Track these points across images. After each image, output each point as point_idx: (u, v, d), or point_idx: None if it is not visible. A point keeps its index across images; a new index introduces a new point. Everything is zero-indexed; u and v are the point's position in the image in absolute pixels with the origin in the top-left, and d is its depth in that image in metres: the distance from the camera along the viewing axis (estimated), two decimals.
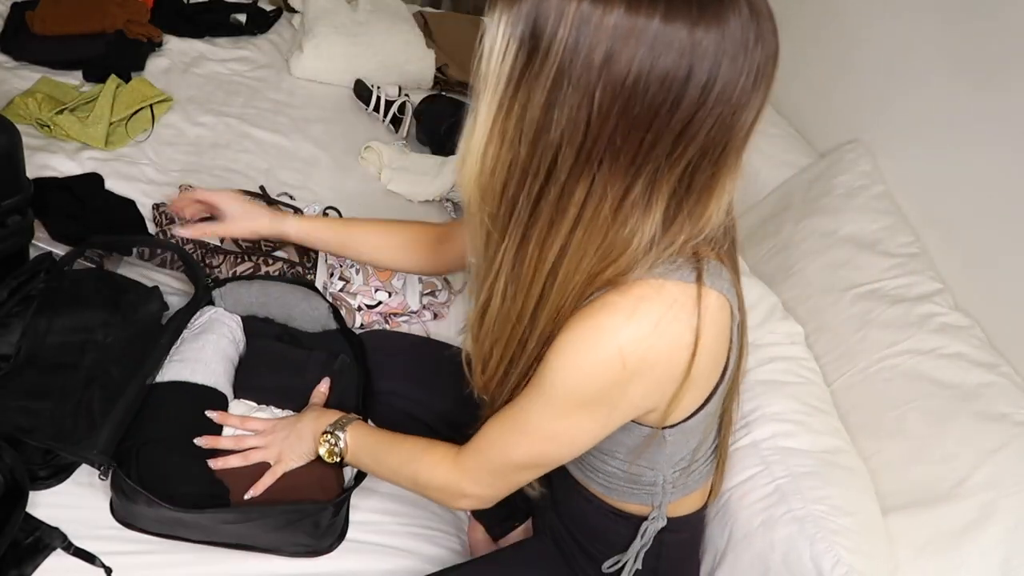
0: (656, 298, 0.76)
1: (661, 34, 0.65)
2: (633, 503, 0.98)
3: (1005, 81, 1.34)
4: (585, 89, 0.67)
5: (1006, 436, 1.10)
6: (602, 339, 0.76)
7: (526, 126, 0.71)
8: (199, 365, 1.17)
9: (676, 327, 0.77)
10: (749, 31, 0.67)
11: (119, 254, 1.44)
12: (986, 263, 1.36)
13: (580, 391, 0.80)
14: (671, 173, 0.71)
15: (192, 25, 2.18)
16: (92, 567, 1.02)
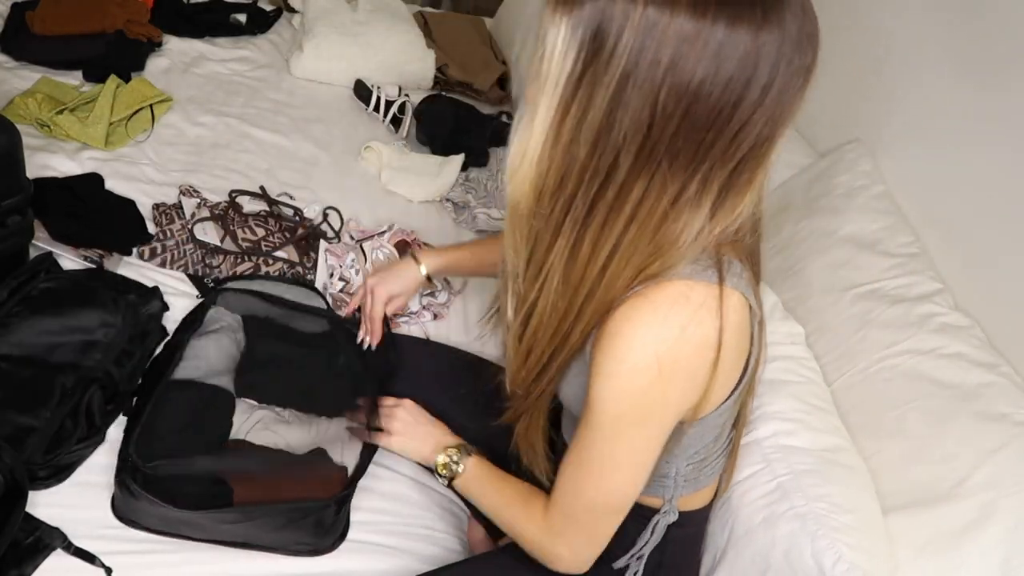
0: (683, 302, 0.78)
1: (726, 40, 0.66)
2: (644, 495, 0.98)
3: (1006, 81, 1.34)
4: (649, 92, 0.68)
5: (1006, 436, 1.10)
6: (635, 351, 0.78)
7: (586, 127, 0.72)
8: (202, 362, 1.19)
9: (702, 329, 0.79)
10: (803, 31, 0.69)
11: (119, 253, 1.45)
12: (986, 263, 1.36)
13: (624, 408, 0.82)
14: (723, 170, 0.73)
15: (192, 25, 2.18)
16: (92, 567, 1.02)
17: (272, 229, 1.60)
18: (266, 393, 1.24)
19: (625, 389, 0.80)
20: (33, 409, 1.10)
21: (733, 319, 0.80)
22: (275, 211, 1.67)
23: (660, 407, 0.83)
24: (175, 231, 1.53)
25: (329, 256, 1.59)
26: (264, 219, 1.63)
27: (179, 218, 1.57)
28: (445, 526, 1.27)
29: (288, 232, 1.62)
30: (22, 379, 1.13)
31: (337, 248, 1.61)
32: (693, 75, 0.67)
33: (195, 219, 1.56)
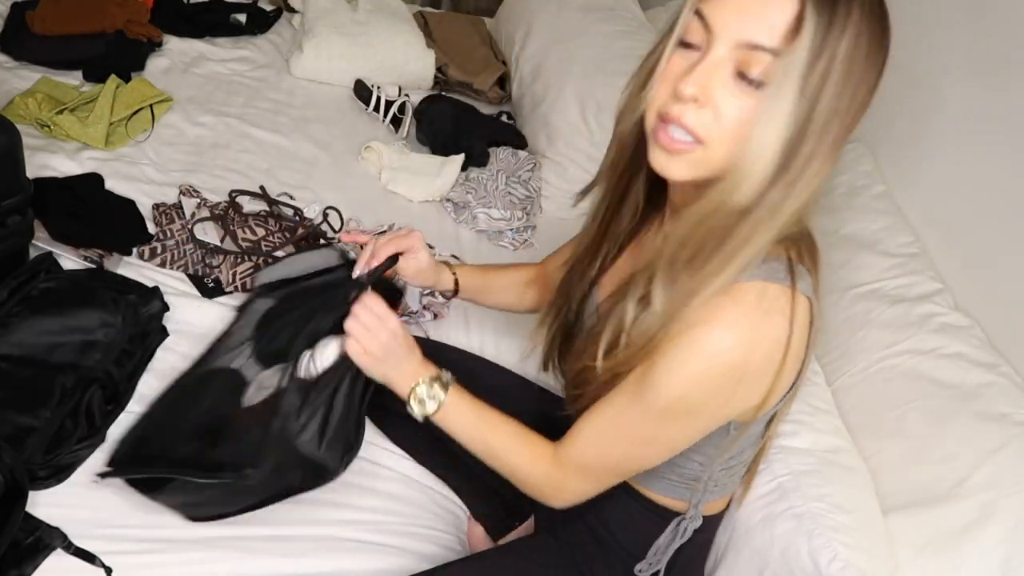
0: (758, 305, 0.79)
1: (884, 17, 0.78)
2: (669, 497, 0.99)
3: (1006, 81, 1.34)
4: (868, 64, 0.75)
5: (1006, 436, 1.10)
6: (710, 348, 0.79)
7: (817, 116, 0.74)
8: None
9: (775, 332, 0.79)
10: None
11: (119, 253, 1.45)
12: (986, 263, 1.36)
13: (685, 400, 0.82)
14: None
15: (192, 25, 2.18)
16: (92, 567, 1.02)
17: (272, 229, 1.60)
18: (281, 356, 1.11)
19: (692, 383, 0.80)
20: (33, 409, 1.10)
21: (800, 323, 0.81)
22: (275, 211, 1.67)
23: (719, 404, 0.83)
24: (175, 231, 1.53)
25: None
26: (264, 219, 1.63)
27: (179, 218, 1.57)
28: (445, 526, 1.27)
29: (288, 232, 1.62)
30: (22, 379, 1.13)
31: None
32: (877, 50, 0.77)
33: (195, 219, 1.56)
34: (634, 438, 0.88)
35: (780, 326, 0.79)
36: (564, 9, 2.24)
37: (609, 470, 0.94)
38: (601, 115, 1.97)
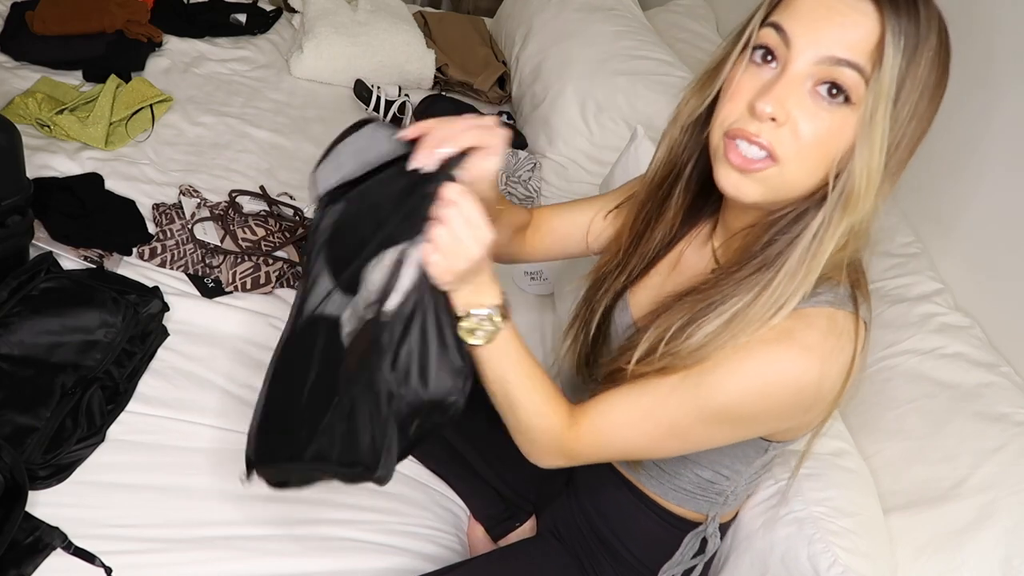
0: (830, 330, 0.78)
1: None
2: (687, 508, 0.98)
3: (1006, 80, 1.34)
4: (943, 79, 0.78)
5: (1006, 436, 1.10)
6: (780, 368, 0.77)
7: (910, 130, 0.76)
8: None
9: (841, 359, 0.78)
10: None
11: (119, 253, 1.45)
12: (986, 263, 1.36)
13: (741, 408, 0.80)
14: None
15: (192, 25, 2.18)
16: (92, 567, 1.02)
17: (272, 229, 1.60)
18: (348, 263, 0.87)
19: (756, 394, 0.79)
20: (33, 409, 1.10)
21: (862, 349, 0.80)
22: (275, 211, 1.67)
23: (775, 421, 0.83)
24: (175, 231, 1.53)
25: None
26: (264, 219, 1.63)
27: (179, 218, 1.57)
28: (445, 526, 1.27)
29: (288, 232, 1.62)
30: (23, 379, 1.13)
31: None
32: (943, 67, 0.77)
33: (195, 219, 1.56)
34: (666, 429, 0.85)
35: (847, 352, 0.78)
36: (564, 9, 2.24)
37: (622, 451, 0.91)
38: (601, 115, 1.97)
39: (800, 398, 0.78)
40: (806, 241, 0.77)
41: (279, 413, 0.90)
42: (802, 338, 0.77)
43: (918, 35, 0.73)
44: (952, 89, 1.47)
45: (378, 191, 0.88)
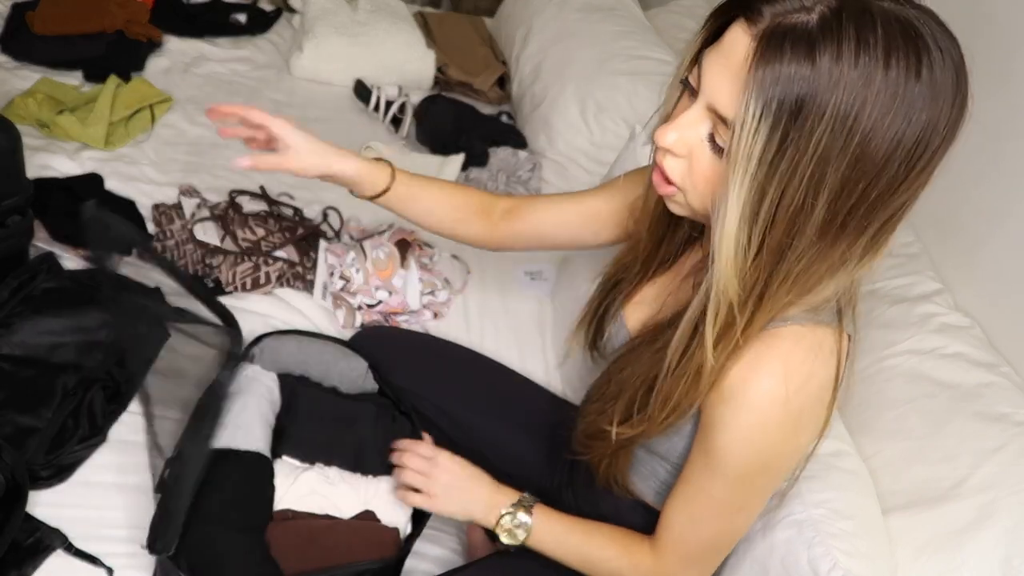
0: (809, 348, 0.77)
1: (921, 102, 0.65)
2: None
3: (1005, 78, 1.34)
4: (848, 164, 0.66)
5: (1006, 436, 1.10)
6: (764, 403, 0.77)
7: (783, 208, 0.68)
8: (240, 431, 1.09)
9: (826, 372, 0.78)
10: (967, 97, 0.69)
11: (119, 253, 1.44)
12: (986, 263, 1.36)
13: (754, 458, 0.81)
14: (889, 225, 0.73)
15: (192, 25, 2.18)
16: (93, 567, 1.02)
17: (272, 229, 1.60)
18: (312, 450, 1.15)
19: (756, 442, 0.79)
20: (34, 409, 1.10)
21: (848, 360, 0.81)
22: (275, 211, 1.67)
23: (789, 453, 0.83)
24: (175, 231, 1.53)
25: (329, 255, 1.59)
26: (264, 219, 1.63)
27: (179, 218, 1.57)
28: (444, 526, 1.27)
29: (288, 232, 1.62)
30: (24, 379, 1.13)
31: (337, 247, 1.61)
32: (885, 142, 0.65)
33: (195, 219, 1.56)
34: (725, 510, 0.87)
35: (830, 365, 0.78)
36: (564, 9, 2.24)
37: (711, 549, 0.92)
38: (601, 115, 1.97)
39: (786, 421, 0.78)
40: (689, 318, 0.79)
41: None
42: (763, 364, 0.77)
43: (802, 92, 0.63)
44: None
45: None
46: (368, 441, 1.18)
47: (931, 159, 0.70)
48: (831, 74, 0.63)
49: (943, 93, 0.66)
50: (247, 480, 1.07)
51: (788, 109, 0.64)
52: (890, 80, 0.64)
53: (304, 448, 1.15)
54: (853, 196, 0.68)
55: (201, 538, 0.98)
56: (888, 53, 0.64)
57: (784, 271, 0.72)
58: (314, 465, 1.13)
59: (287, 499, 1.08)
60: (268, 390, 1.17)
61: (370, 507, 1.11)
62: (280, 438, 1.15)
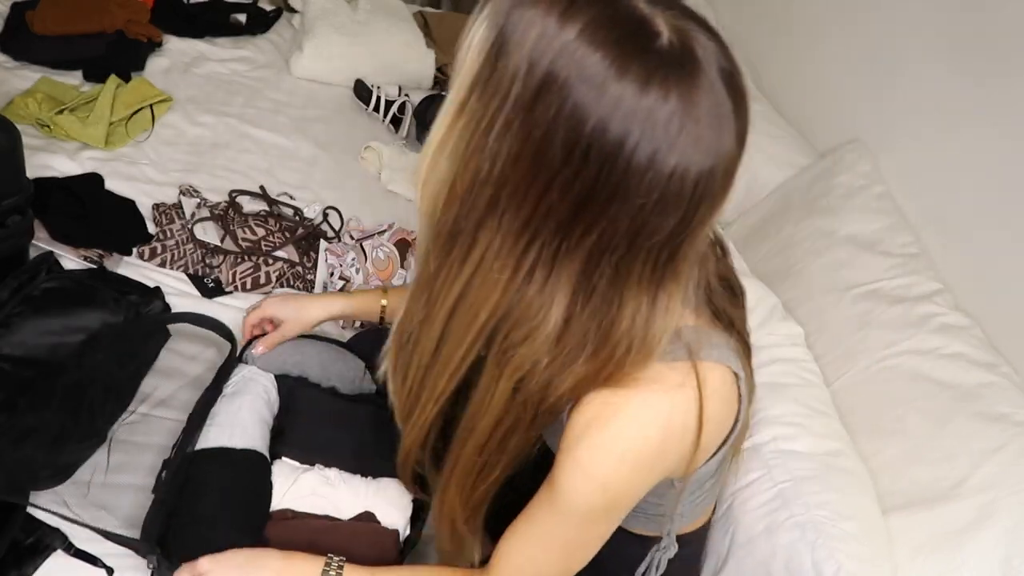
0: (659, 390, 0.72)
1: (609, 81, 0.59)
2: (644, 529, 0.97)
3: (1006, 80, 1.34)
4: (540, 128, 0.61)
5: (1006, 436, 1.10)
6: (612, 451, 0.73)
7: (469, 141, 0.65)
8: (236, 430, 1.09)
9: (680, 416, 0.74)
10: (720, 112, 0.61)
11: (119, 253, 1.45)
12: (986, 263, 1.36)
13: (600, 502, 0.78)
14: (597, 254, 0.65)
15: (192, 25, 2.18)
16: (93, 568, 1.02)
17: (272, 229, 1.60)
18: (312, 451, 1.14)
19: (599, 484, 0.75)
20: (34, 409, 1.10)
21: (717, 395, 0.76)
22: (275, 211, 1.67)
23: (635, 494, 0.80)
24: (175, 231, 1.53)
25: (329, 256, 1.59)
26: (264, 219, 1.63)
27: (179, 218, 1.57)
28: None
29: (288, 232, 1.62)
30: (23, 379, 1.13)
31: (337, 248, 1.61)
32: (586, 123, 0.59)
33: (195, 219, 1.56)
34: (565, 548, 0.83)
35: (686, 406, 0.73)
36: None
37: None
38: None
39: (625, 472, 0.74)
40: None
41: None
42: (611, 413, 0.73)
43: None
44: (952, 88, 1.48)
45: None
46: (367, 442, 1.17)
47: (654, 179, 0.60)
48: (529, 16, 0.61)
49: (664, 106, 0.59)
50: (244, 478, 1.07)
51: (495, 31, 0.64)
52: (599, 60, 0.59)
53: (303, 449, 1.14)
54: (518, 171, 0.63)
55: (198, 537, 0.98)
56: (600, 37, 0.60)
57: (468, 232, 0.68)
58: (314, 466, 1.13)
59: (287, 500, 1.08)
60: (265, 390, 1.17)
61: (370, 508, 1.10)
62: (279, 439, 1.15)
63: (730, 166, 0.64)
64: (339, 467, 1.14)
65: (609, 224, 0.63)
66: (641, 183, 0.60)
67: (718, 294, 0.81)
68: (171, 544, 0.98)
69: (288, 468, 1.12)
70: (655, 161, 0.60)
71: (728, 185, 0.65)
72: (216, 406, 1.13)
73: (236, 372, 1.19)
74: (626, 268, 0.66)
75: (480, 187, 0.65)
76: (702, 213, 0.64)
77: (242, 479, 1.06)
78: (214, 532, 0.99)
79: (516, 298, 0.68)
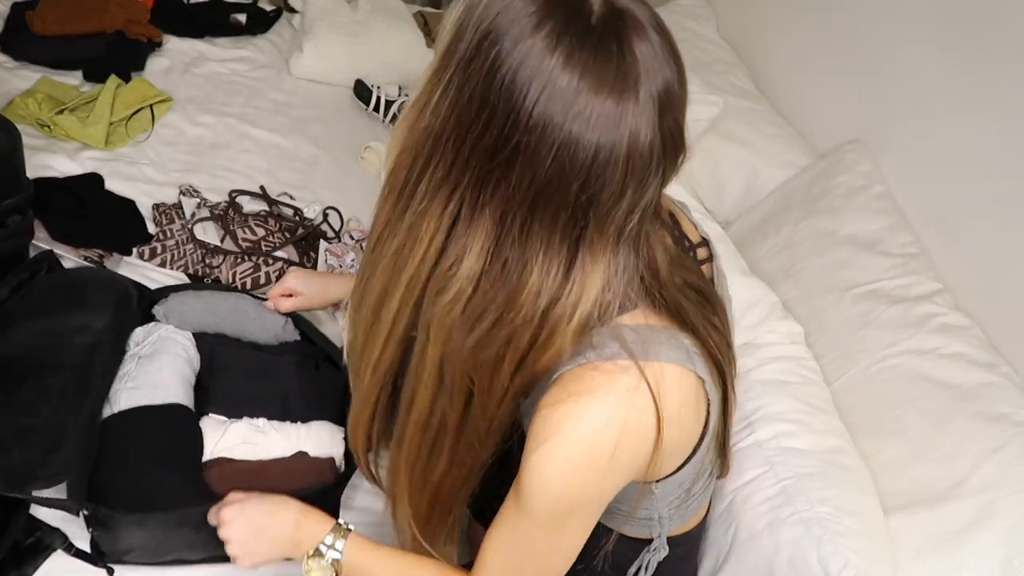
0: (611, 394, 0.72)
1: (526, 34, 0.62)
2: (630, 531, 0.96)
3: (1006, 80, 1.34)
4: (460, 74, 0.65)
5: (1006, 436, 1.10)
6: (563, 456, 0.73)
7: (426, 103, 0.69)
8: (159, 389, 1.10)
9: (636, 417, 0.73)
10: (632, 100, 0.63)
11: (119, 253, 1.45)
12: (986, 263, 1.36)
13: (561, 503, 0.77)
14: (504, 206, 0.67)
15: (192, 25, 2.18)
16: (93, 568, 1.02)
17: (272, 229, 1.60)
18: (238, 405, 1.15)
19: (556, 484, 0.75)
20: (34, 409, 1.10)
21: (675, 396, 0.75)
22: (275, 211, 1.67)
23: (596, 495, 0.78)
24: (175, 231, 1.53)
25: (329, 256, 1.59)
26: (264, 219, 1.63)
27: (179, 218, 1.57)
28: None
29: (288, 232, 1.62)
30: (23, 379, 1.13)
31: (337, 248, 1.61)
32: (499, 74, 0.63)
33: (195, 219, 1.56)
34: (537, 552, 0.83)
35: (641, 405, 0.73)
36: None
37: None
38: None
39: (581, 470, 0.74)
40: None
41: None
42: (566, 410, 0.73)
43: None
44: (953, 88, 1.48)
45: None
46: (293, 390, 1.19)
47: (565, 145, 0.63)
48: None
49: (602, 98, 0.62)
50: (170, 428, 1.08)
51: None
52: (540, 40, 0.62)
53: (229, 404, 1.16)
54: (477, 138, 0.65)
55: (129, 480, 1.01)
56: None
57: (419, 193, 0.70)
58: (242, 418, 1.14)
59: (219, 450, 1.09)
60: (184, 348, 1.17)
61: (303, 449, 1.12)
62: (203, 397, 1.16)
63: (636, 151, 0.64)
64: (267, 418, 1.15)
65: (516, 181, 0.65)
66: (540, 145, 0.63)
67: (684, 298, 0.79)
68: (108, 496, 0.99)
69: (215, 422, 1.13)
70: (550, 125, 0.62)
71: (637, 171, 0.65)
72: (134, 368, 1.13)
73: (151, 332, 1.19)
74: (531, 230, 0.67)
75: (422, 141, 0.69)
76: (608, 192, 0.65)
77: (167, 427, 1.08)
78: (147, 472, 1.01)
79: (439, 252, 0.71)
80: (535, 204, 0.66)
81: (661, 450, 0.75)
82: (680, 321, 0.78)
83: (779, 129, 1.88)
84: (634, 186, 0.66)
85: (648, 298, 0.77)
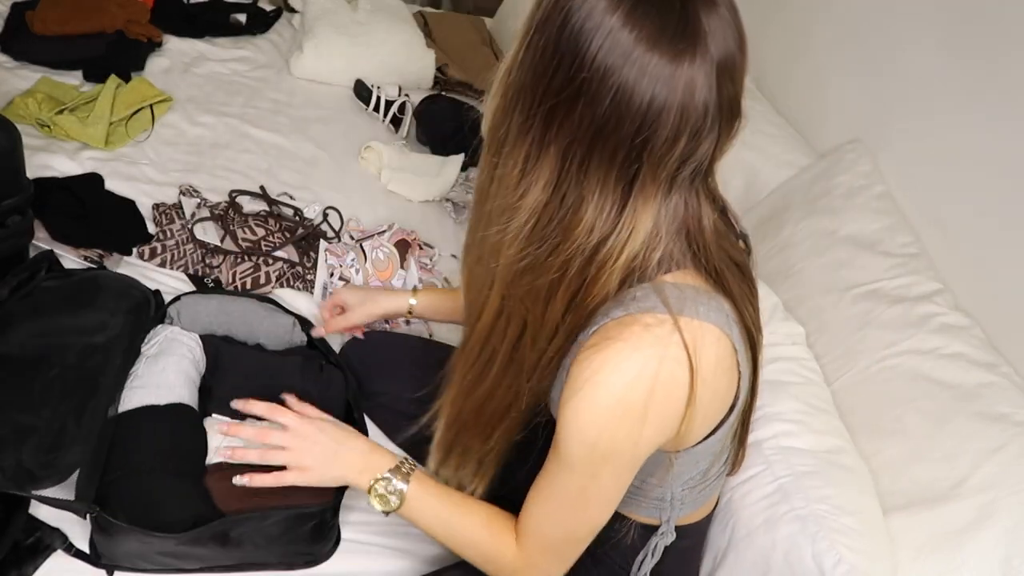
0: (646, 342, 0.76)
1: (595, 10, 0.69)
2: (640, 515, 0.98)
3: (1006, 81, 1.34)
4: (537, 33, 0.73)
5: (1006, 436, 1.10)
6: (600, 402, 0.77)
7: (512, 63, 0.76)
8: (163, 390, 1.10)
9: (669, 367, 0.76)
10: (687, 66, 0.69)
11: (119, 253, 1.45)
12: (986, 263, 1.36)
13: (596, 450, 0.80)
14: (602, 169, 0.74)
15: (192, 25, 2.18)
16: (93, 568, 1.02)
17: (272, 229, 1.60)
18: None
19: (592, 431, 0.79)
20: (34, 409, 1.10)
21: (710, 354, 0.78)
22: (275, 211, 1.67)
23: (631, 446, 0.81)
24: (175, 231, 1.53)
25: (329, 256, 1.59)
26: (264, 219, 1.63)
27: (179, 218, 1.57)
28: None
29: (288, 232, 1.62)
30: (23, 378, 1.13)
31: (337, 248, 1.61)
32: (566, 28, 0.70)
33: (195, 219, 1.56)
34: (573, 502, 0.87)
35: (676, 359, 0.76)
36: None
37: (568, 540, 0.92)
38: None
39: (616, 418, 0.78)
40: None
41: None
42: (603, 357, 0.77)
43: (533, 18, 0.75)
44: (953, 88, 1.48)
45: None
46: (296, 391, 1.16)
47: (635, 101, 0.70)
48: None
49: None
50: (173, 428, 1.09)
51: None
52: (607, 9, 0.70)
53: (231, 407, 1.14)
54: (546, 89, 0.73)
55: (134, 487, 1.00)
56: None
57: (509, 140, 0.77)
58: (245, 421, 1.12)
59: (219, 456, 1.08)
60: (189, 349, 1.18)
61: None
62: (207, 398, 1.16)
63: (690, 104, 0.70)
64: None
65: (579, 120, 0.72)
66: (600, 87, 0.70)
67: (725, 267, 0.84)
68: (111, 501, 0.98)
69: (219, 424, 1.12)
70: (609, 69, 0.69)
71: (691, 123, 0.71)
72: (140, 368, 1.14)
73: (158, 332, 1.19)
74: (590, 167, 0.73)
75: (508, 96, 0.77)
76: (661, 137, 0.71)
77: (171, 429, 1.08)
78: (152, 481, 1.02)
79: (515, 187, 0.78)
80: (594, 142, 0.72)
81: (693, 409, 0.79)
82: (722, 288, 0.83)
83: (779, 129, 1.88)
84: (687, 137, 0.71)
85: (694, 261, 0.81)
